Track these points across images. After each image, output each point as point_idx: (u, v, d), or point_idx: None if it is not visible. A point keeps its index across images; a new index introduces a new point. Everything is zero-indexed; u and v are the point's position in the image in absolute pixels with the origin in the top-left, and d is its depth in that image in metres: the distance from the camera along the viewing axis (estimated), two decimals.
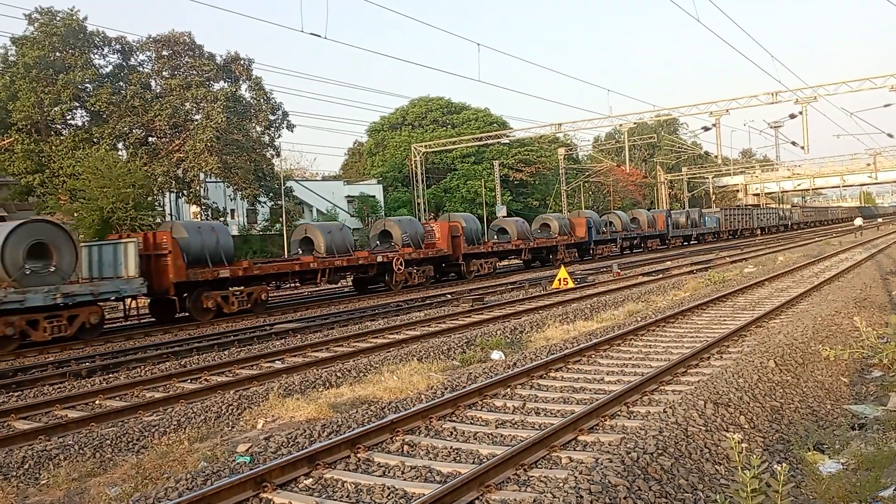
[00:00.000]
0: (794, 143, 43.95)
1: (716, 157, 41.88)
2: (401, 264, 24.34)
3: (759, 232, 67.54)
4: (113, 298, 16.85)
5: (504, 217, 40.26)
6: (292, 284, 24.47)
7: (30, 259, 15.18)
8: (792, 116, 36.02)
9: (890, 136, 48.42)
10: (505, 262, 35.11)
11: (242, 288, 19.47)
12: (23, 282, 14.83)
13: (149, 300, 19.21)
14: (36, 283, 15.01)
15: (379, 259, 23.78)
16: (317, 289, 26.36)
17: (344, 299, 22.75)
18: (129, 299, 17.65)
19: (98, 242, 18.88)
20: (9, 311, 14.31)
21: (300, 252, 23.22)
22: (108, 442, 7.50)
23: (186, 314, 18.35)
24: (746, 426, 6.84)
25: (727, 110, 35.52)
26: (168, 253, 17.81)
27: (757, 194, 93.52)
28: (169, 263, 17.75)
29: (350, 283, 26.39)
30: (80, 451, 7.25)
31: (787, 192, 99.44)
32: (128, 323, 18.53)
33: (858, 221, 58.11)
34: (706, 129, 43.04)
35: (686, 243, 52.17)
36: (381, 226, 26.92)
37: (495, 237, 32.91)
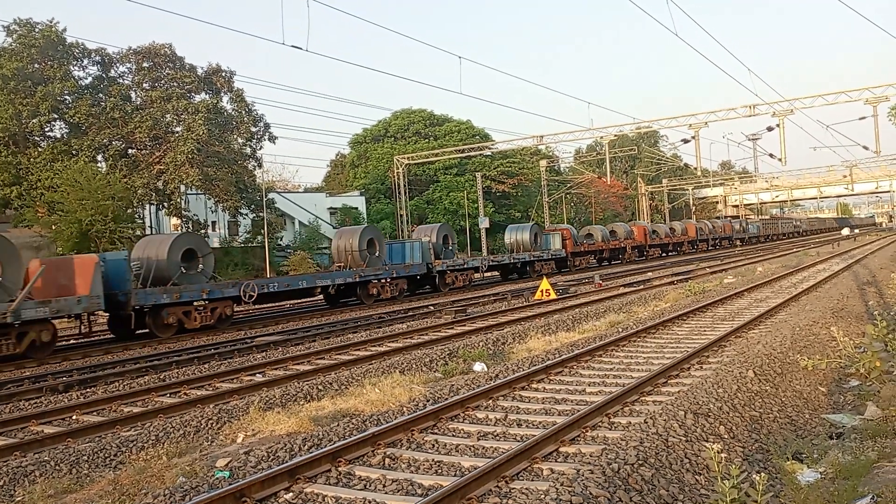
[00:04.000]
0: (771, 156, 44.63)
1: (695, 168, 42.50)
2: (630, 249, 46.14)
3: (783, 236, 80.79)
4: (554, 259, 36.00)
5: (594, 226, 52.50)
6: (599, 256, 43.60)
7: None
8: (769, 129, 36.52)
9: (865, 148, 48.75)
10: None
11: (581, 259, 40.00)
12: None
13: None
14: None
15: (622, 245, 44.95)
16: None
17: (592, 268, 39.36)
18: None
19: (546, 232, 37.25)
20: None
21: (584, 242, 41.34)
22: (85, 458, 7.39)
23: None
24: (726, 436, 6.89)
25: (706, 123, 35.95)
26: (568, 238, 37.77)
27: (736, 206, 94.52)
28: (568, 244, 37.45)
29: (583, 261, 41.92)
30: (57, 468, 7.14)
31: (765, 203, 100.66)
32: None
33: (846, 231, 59.38)
34: (685, 141, 43.60)
35: (740, 243, 66.24)
36: (610, 227, 46.32)
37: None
